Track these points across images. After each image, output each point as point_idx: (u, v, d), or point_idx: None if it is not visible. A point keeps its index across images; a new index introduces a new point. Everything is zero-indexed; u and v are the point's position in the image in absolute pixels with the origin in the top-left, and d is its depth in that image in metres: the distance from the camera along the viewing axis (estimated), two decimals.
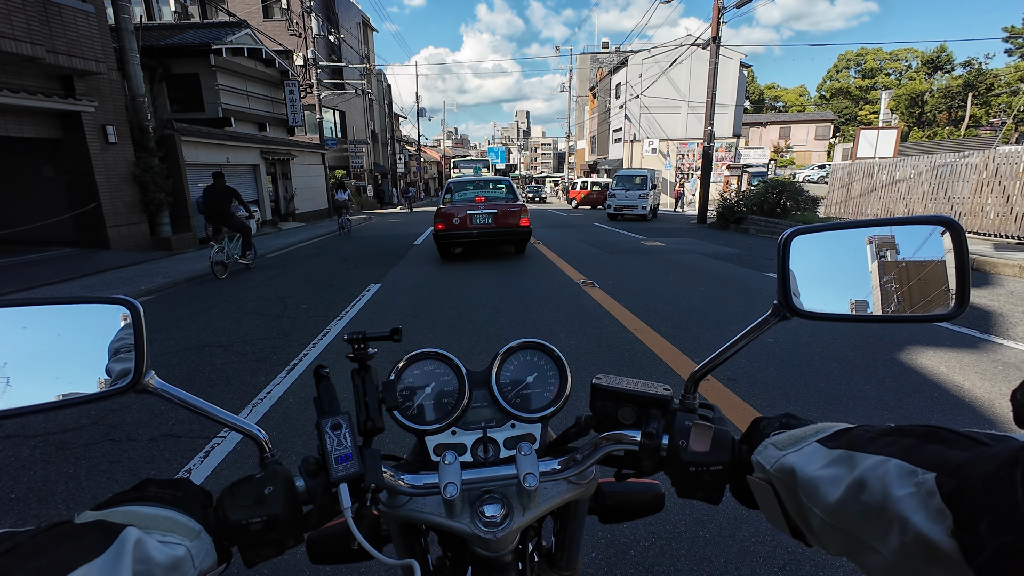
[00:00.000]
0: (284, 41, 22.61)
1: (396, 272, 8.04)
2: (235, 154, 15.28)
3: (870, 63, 61.33)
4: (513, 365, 0.68)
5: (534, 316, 5.07)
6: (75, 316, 0.49)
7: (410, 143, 51.34)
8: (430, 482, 0.56)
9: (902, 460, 0.32)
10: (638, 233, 13.51)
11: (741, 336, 0.53)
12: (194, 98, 16.25)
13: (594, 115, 42.28)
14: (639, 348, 4.03)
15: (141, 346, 0.48)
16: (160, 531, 0.40)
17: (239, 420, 0.52)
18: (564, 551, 0.70)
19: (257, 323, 5.12)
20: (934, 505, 0.29)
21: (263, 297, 6.39)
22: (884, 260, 0.48)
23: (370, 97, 32.90)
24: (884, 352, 3.84)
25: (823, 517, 0.37)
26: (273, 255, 10.85)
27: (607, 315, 5.03)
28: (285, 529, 0.47)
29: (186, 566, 0.39)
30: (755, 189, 14.15)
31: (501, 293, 6.18)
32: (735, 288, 6.30)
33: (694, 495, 0.52)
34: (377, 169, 36.62)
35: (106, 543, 0.34)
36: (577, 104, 49.66)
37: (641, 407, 0.57)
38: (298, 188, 20.40)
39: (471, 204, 9.01)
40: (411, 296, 6.18)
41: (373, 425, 0.52)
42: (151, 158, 10.98)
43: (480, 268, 8.13)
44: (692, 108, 30.55)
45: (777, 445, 0.44)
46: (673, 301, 5.61)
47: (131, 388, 0.48)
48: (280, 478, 0.49)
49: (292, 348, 4.30)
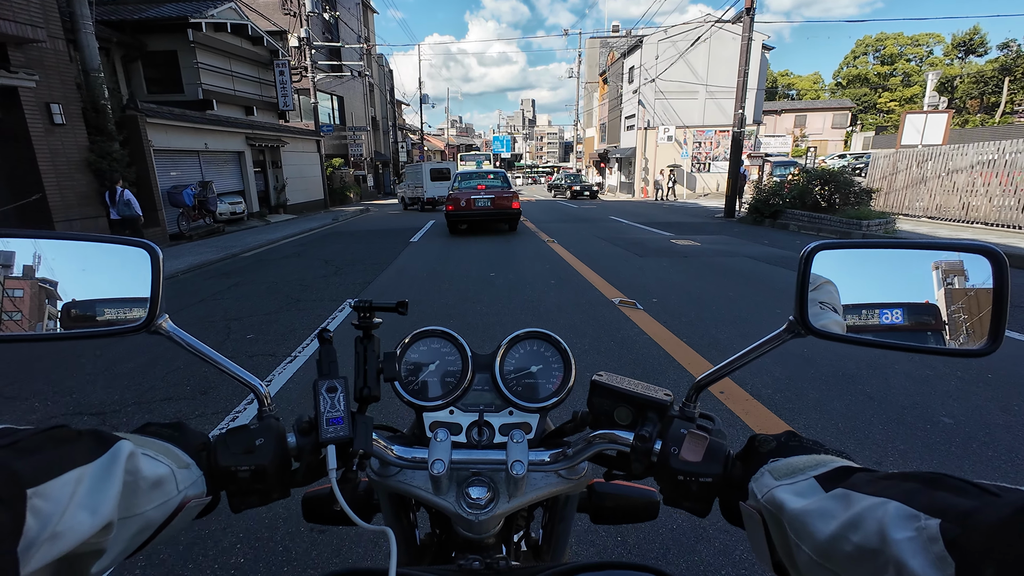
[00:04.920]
0: (278, 20, 21.04)
1: (383, 282, 6.62)
2: (216, 140, 13.84)
3: (890, 48, 59.19)
4: (519, 353, 0.67)
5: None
6: (99, 254, 0.51)
7: (413, 131, 49.70)
8: (420, 456, 0.57)
9: (903, 503, 0.31)
10: (663, 229, 12.01)
11: (752, 349, 0.52)
12: (172, 78, 14.81)
13: (604, 101, 40.42)
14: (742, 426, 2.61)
15: (157, 289, 0.50)
16: (153, 451, 0.41)
17: (241, 371, 0.54)
18: (550, 544, 0.69)
19: (174, 369, 3.58)
20: (935, 551, 0.28)
21: (206, 319, 4.99)
22: (951, 287, 0.45)
23: (370, 81, 31.29)
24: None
25: (811, 555, 0.36)
26: (248, 255, 9.44)
27: (670, 361, 3.59)
28: (271, 481, 0.48)
29: (170, 486, 0.41)
30: (793, 180, 12.58)
31: (514, 314, 4.76)
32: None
33: (680, 504, 0.50)
34: (378, 158, 35.07)
35: (101, 450, 0.36)
36: (586, 91, 47.67)
37: (639, 409, 0.56)
38: (290, 178, 18.95)
39: (474, 190, 11.64)
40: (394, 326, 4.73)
41: (369, 393, 0.52)
42: (109, 142, 9.57)
43: (490, 280, 6.70)
44: (710, 93, 28.77)
45: (773, 474, 0.42)
46: (754, 335, 4.18)
47: (144, 327, 0.50)
48: (272, 432, 0.50)
49: (204, 421, 2.82)
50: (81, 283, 0.49)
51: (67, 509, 0.31)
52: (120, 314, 0.50)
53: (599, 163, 40.90)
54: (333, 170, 26.06)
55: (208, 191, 12.34)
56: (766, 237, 10.39)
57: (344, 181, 27.00)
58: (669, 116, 29.07)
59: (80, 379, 3.47)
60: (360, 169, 29.73)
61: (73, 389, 3.32)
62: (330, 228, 14.16)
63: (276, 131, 17.60)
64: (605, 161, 39.00)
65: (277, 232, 12.73)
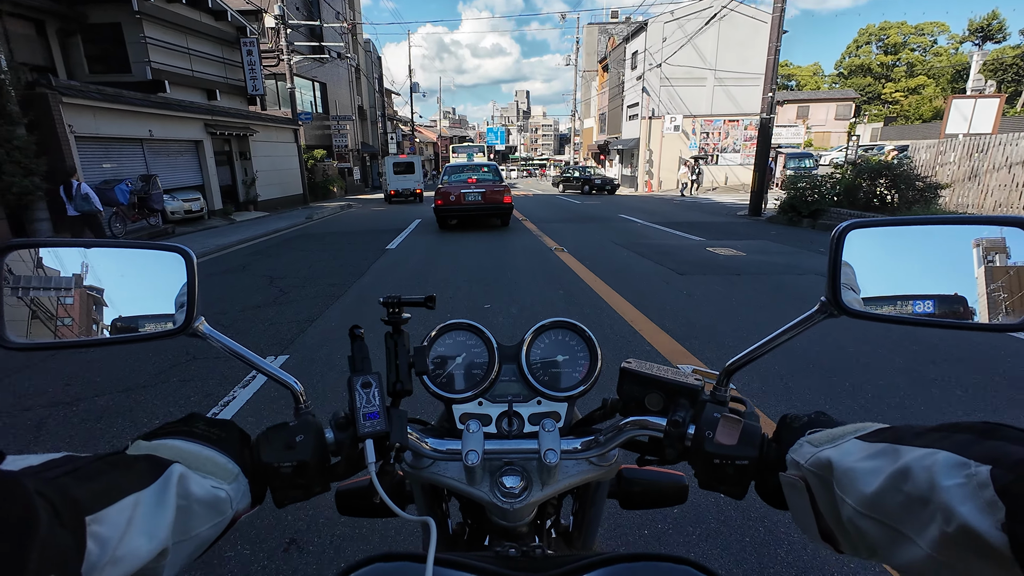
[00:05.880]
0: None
1: (332, 318, 4.81)
2: (165, 126, 11.91)
3: (894, 37, 57.64)
4: (545, 343, 0.66)
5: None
6: (135, 260, 0.51)
7: (404, 122, 47.56)
8: (453, 448, 0.57)
9: (953, 453, 0.31)
10: (687, 231, 10.25)
11: (783, 331, 0.51)
12: (118, 56, 12.84)
13: (604, 90, 38.48)
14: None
15: (193, 293, 0.50)
16: (202, 472, 0.42)
17: (277, 370, 0.54)
18: (581, 531, 0.69)
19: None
20: (985, 497, 0.28)
21: (12, 410, 3.14)
22: (992, 265, 0.44)
23: (354, 65, 29.21)
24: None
25: (856, 507, 0.35)
26: None
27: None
28: (313, 476, 0.49)
29: (224, 506, 0.42)
30: (839, 174, 10.86)
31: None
32: (979, 364, 3.14)
33: (716, 488, 0.50)
34: (365, 149, 33.03)
35: (155, 476, 0.37)
36: (584, 79, 45.65)
37: (670, 395, 0.56)
38: (262, 171, 17.01)
39: (464, 184, 10.84)
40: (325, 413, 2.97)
41: (402, 387, 0.54)
42: (11, 127, 7.69)
43: (484, 315, 4.91)
44: (720, 80, 26.96)
45: (813, 443, 0.42)
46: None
47: (182, 331, 0.50)
48: (311, 428, 0.50)
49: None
50: (122, 289, 0.50)
51: (125, 534, 0.32)
52: (159, 319, 0.51)
53: (598, 155, 39.00)
54: (315, 162, 24.06)
55: (151, 186, 10.46)
56: (816, 242, 8.67)
57: (327, 174, 25.02)
58: (675, 104, 27.24)
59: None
60: (345, 161, 27.71)
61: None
62: (300, 229, 12.31)
63: (244, 118, 15.66)
64: (605, 153, 37.12)
65: (236, 234, 10.88)
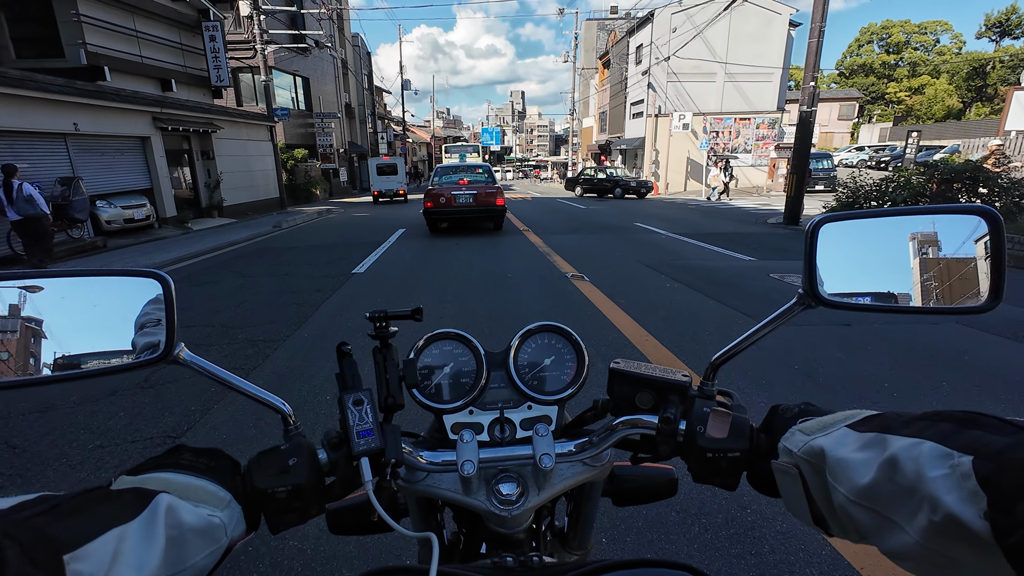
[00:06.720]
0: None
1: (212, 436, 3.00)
2: (97, 119, 10.03)
3: (896, 36, 56.44)
4: (531, 347, 0.67)
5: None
6: (110, 288, 0.49)
7: (396, 122, 45.66)
8: (448, 459, 0.56)
9: (937, 443, 0.32)
10: (721, 245, 8.47)
11: (764, 324, 0.52)
12: (50, 38, 10.93)
13: (604, 87, 36.74)
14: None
15: (172, 319, 0.48)
16: (192, 501, 0.40)
17: (264, 393, 0.53)
18: (577, 531, 0.69)
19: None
20: (968, 487, 0.29)
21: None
22: (926, 257, 0.47)
23: (342, 60, 27.33)
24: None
25: (848, 495, 0.36)
26: None
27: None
28: (308, 498, 0.48)
29: (218, 532, 0.41)
30: (905, 177, 9.13)
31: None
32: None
33: (711, 480, 0.51)
34: (353, 149, 31.13)
35: (140, 507, 0.35)
36: (582, 77, 43.89)
37: (659, 392, 0.56)
38: (228, 172, 15.13)
39: (455, 186, 10.48)
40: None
41: (394, 402, 0.53)
42: None
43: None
44: (730, 76, 25.29)
45: (805, 431, 0.43)
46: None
47: (163, 359, 0.48)
48: (304, 450, 0.49)
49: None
50: (95, 319, 0.48)
51: (111, 570, 0.31)
52: (136, 348, 0.49)
53: (598, 155, 37.25)
54: (295, 163, 22.20)
55: (72, 191, 8.60)
56: None
57: (309, 176, 23.15)
58: (683, 101, 25.54)
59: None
60: (330, 162, 25.81)
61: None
62: (260, 241, 10.47)
63: (205, 112, 13.78)
64: (606, 153, 35.36)
65: (179, 249, 9.02)
